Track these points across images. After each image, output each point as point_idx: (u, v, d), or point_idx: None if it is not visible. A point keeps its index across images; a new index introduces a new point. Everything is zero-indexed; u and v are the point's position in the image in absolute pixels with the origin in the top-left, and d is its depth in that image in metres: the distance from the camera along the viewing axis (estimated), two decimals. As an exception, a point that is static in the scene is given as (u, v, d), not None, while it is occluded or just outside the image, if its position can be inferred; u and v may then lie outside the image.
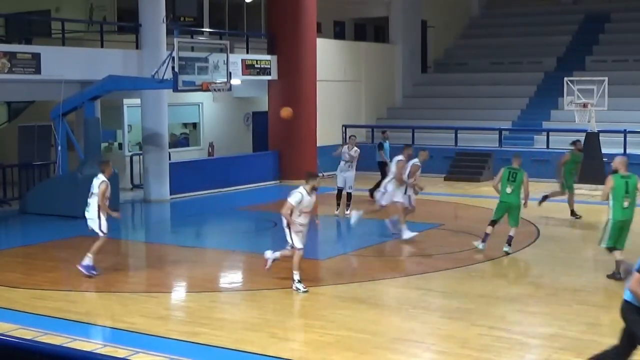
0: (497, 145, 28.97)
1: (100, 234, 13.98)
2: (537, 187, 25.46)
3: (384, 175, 23.05)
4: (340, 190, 20.59)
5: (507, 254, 15.64)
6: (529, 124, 30.38)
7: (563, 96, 26.43)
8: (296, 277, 12.94)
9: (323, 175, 28.31)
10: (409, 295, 12.91)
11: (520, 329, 11.04)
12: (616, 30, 35.33)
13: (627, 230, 13.75)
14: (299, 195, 13.13)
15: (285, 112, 14.32)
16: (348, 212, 20.12)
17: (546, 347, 10.33)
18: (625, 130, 26.46)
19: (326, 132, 29.19)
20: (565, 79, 26.08)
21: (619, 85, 28.35)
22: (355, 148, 20.62)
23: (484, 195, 23.72)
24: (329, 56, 29.81)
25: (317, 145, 28.01)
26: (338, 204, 20.62)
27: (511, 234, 15.78)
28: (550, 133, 28.52)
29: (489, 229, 15.87)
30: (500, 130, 29.36)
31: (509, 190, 15.71)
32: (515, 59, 34.87)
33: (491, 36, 37.04)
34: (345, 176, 20.43)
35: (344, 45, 32.24)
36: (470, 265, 14.96)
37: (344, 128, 31.03)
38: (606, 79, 25.36)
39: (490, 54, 35.78)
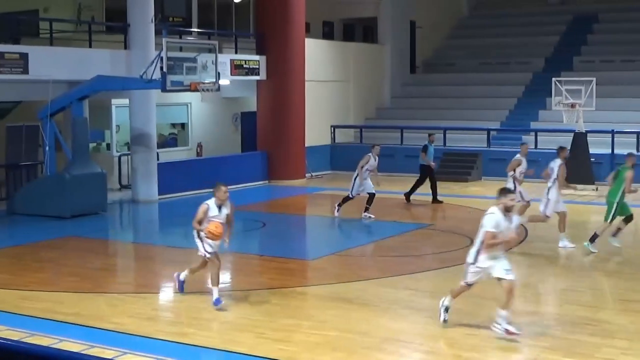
0: (486, 146, 29.04)
1: (206, 255, 12.45)
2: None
3: (423, 177, 22.92)
4: (349, 198, 20.26)
5: (590, 251, 15.81)
6: (517, 124, 30.43)
7: (551, 96, 26.50)
8: (502, 317, 10.52)
9: (312, 175, 28.48)
10: (397, 295, 12.91)
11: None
12: (604, 31, 35.44)
13: None
14: (494, 218, 10.50)
15: (214, 229, 11.97)
16: (367, 214, 20.05)
17: (534, 346, 10.34)
18: (612, 130, 26.54)
19: (315, 133, 29.20)
20: (554, 79, 26.16)
21: (607, 86, 28.44)
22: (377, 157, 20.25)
23: (473, 195, 23.79)
24: (317, 56, 29.80)
25: (306, 145, 28.02)
26: (340, 206, 20.30)
27: (597, 231, 15.97)
28: (538, 133, 28.58)
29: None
30: (488, 131, 29.41)
31: (610, 187, 15.92)
32: (504, 60, 34.93)
33: (479, 36, 37.10)
34: (365, 182, 20.01)
35: (332, 45, 32.23)
36: (458, 265, 14.91)
37: (332, 128, 31.06)
38: (594, 79, 25.45)
39: (478, 55, 35.83)
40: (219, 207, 12.09)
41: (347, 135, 32.13)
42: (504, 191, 10.81)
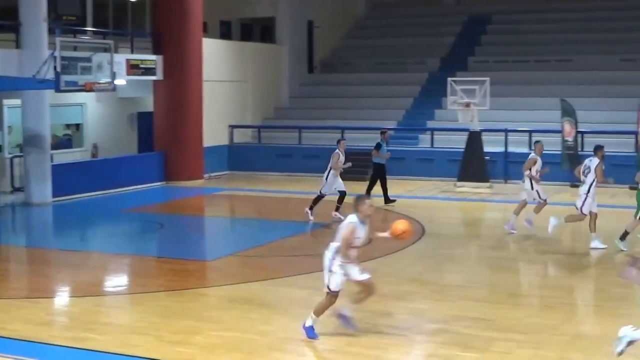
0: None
1: (326, 289, 10.60)
2: (421, 185, 25.96)
3: (378, 176, 22.43)
4: (323, 196, 19.68)
5: (621, 249, 15.91)
6: (413, 123, 30.80)
7: (447, 96, 26.92)
8: None
9: (210, 176, 28.30)
10: (297, 294, 12.93)
11: (407, 326, 11.18)
12: (497, 32, 36.14)
13: None
14: None
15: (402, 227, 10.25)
16: (337, 213, 19.36)
17: (432, 342, 10.49)
18: (506, 129, 27.13)
19: (212, 133, 29.01)
20: (449, 79, 26.56)
21: (501, 85, 29.00)
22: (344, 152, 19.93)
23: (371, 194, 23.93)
24: (215, 56, 29.61)
25: (204, 145, 27.82)
26: (311, 209, 19.57)
27: (627, 228, 16.05)
28: (434, 132, 29.03)
29: None
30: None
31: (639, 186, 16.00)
32: (401, 60, 35.27)
33: (377, 37, 37.41)
34: (336, 180, 19.65)
35: (230, 45, 32.06)
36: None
37: (230, 128, 30.92)
38: (488, 79, 25.92)
39: (375, 55, 36.13)
40: (362, 224, 10.36)
41: (245, 135, 32.03)
42: None
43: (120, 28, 28.88)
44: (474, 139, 25.60)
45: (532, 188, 17.78)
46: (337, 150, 19.82)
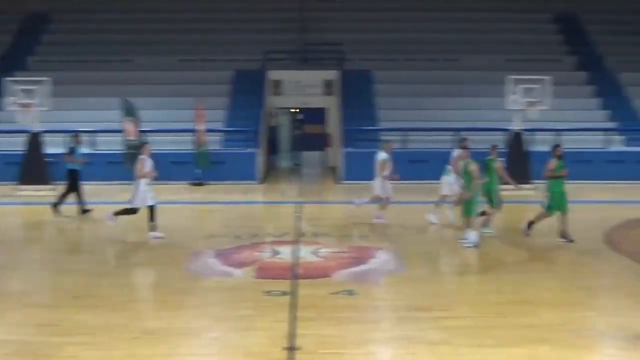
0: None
1: None
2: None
3: (73, 183, 20.00)
4: (135, 210, 17.24)
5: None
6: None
7: (5, 97, 26.13)
8: None
9: None
10: None
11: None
12: (58, 31, 35.74)
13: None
14: None
15: None
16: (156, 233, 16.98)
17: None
18: (68, 129, 26.83)
19: None
20: (7, 79, 25.84)
21: (63, 85, 28.67)
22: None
23: None
24: None
25: None
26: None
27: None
28: (-6, 135, 28.03)
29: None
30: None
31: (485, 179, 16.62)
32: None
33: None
34: (148, 191, 17.15)
35: None
36: None
37: None
38: (49, 79, 25.53)
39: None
40: None
41: None
42: None
43: None
44: (35, 140, 25.07)
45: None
46: (141, 156, 17.28)
